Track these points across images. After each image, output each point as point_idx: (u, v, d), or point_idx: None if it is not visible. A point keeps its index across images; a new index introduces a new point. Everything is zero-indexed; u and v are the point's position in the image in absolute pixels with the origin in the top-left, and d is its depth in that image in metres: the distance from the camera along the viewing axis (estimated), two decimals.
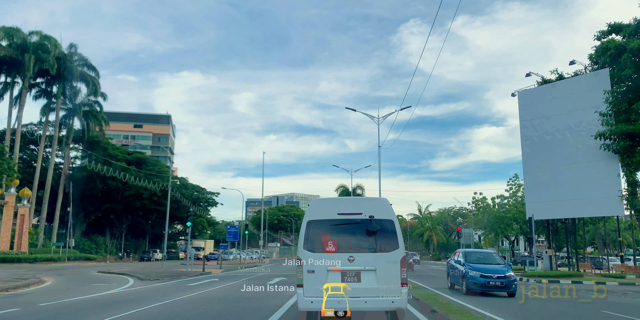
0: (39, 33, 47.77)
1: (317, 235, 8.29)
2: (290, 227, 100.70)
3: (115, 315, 10.52)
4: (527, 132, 35.47)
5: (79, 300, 14.04)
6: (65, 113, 53.92)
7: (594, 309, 13.78)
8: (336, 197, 26.89)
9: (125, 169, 56.87)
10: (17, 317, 10.55)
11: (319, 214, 8.48)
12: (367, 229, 8.22)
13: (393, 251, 8.13)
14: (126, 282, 21.90)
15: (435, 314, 11.09)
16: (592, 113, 30.19)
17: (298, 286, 8.11)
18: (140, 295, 15.63)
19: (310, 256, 8.11)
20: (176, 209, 62.47)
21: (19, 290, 17.23)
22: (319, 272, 8.04)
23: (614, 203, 30.07)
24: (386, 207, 8.54)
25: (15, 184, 42.73)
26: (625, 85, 29.15)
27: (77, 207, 54.26)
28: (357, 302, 7.86)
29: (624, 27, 29.96)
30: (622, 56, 28.24)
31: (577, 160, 32.06)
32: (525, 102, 35.95)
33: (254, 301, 13.25)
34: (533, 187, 34.89)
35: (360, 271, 8.04)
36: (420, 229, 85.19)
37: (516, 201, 51.98)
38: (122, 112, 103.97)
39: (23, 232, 43.07)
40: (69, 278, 24.28)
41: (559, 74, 35.68)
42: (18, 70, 46.30)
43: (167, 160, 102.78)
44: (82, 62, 51.62)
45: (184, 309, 11.82)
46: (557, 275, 29.16)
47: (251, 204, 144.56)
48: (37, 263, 40.55)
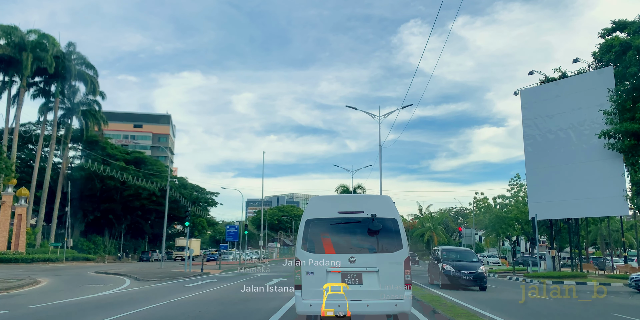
0: (37, 31, 47.41)
1: (316, 235, 7.90)
2: (290, 228, 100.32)
3: (106, 319, 10.12)
4: (530, 131, 35.03)
5: (72, 301, 13.66)
6: (64, 112, 53.60)
7: (603, 312, 13.37)
8: (336, 195, 26.40)
9: (124, 168, 56.50)
10: (5, 319, 10.16)
11: (318, 213, 8.08)
12: (368, 228, 7.82)
13: (396, 252, 7.74)
14: (122, 282, 21.52)
15: (436, 314, 10.76)
16: (596, 111, 29.72)
17: (296, 288, 7.72)
18: (135, 297, 15.24)
19: (309, 257, 7.72)
20: (175, 209, 62.10)
21: (12, 291, 16.84)
22: (318, 274, 7.64)
23: (618, 203, 29.63)
24: (389, 205, 8.14)
25: (13, 184, 42.40)
26: (630, 83, 28.70)
27: (76, 207, 53.91)
28: (358, 306, 7.48)
29: (628, 25, 29.53)
30: (627, 53, 27.80)
31: (581, 160, 31.62)
32: (528, 100, 35.52)
33: (252, 303, 12.86)
34: (536, 186, 34.46)
35: (361, 273, 7.65)
36: (421, 230, 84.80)
37: (518, 201, 51.47)
38: (122, 112, 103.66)
39: (20, 232, 42.71)
40: (65, 279, 23.92)
41: (562, 72, 35.24)
42: (16, 69, 45.92)
43: (167, 160, 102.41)
44: (80, 61, 51.28)
45: (178, 312, 11.43)
46: (561, 276, 28.73)
47: (251, 204, 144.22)
48: (34, 263, 40.17)
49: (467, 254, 20.94)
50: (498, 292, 18.91)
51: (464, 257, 20.14)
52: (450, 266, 19.00)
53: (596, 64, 32.92)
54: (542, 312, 12.99)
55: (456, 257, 20.31)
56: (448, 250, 21.32)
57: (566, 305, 14.63)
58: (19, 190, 43.15)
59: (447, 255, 20.29)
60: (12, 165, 43.10)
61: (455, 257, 20.19)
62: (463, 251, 21.72)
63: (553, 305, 14.54)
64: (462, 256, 20.30)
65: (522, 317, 11.78)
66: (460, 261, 19.51)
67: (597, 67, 32.60)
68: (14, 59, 45.13)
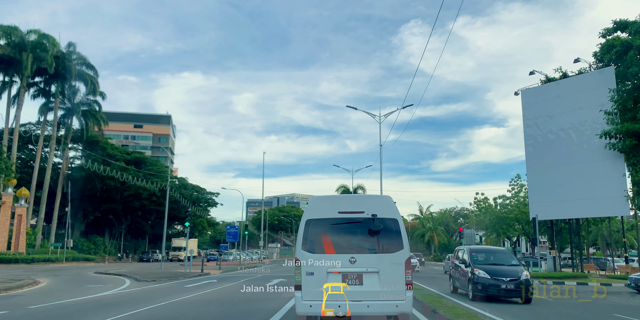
0: (37, 32, 47.36)
1: (316, 235, 7.84)
2: (291, 228, 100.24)
3: (106, 319, 10.06)
4: (531, 131, 34.96)
5: (71, 302, 13.61)
6: (64, 112, 53.52)
7: (604, 312, 13.31)
8: (337, 195, 26.34)
9: (124, 168, 56.41)
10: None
11: (318, 213, 8.02)
12: (369, 229, 7.77)
13: (397, 252, 7.69)
14: (122, 283, 21.46)
15: (436, 315, 10.69)
16: (597, 111, 29.65)
17: (296, 289, 7.67)
18: (134, 297, 15.19)
19: (309, 257, 7.67)
20: (176, 209, 62.02)
21: (12, 291, 16.78)
22: (318, 274, 7.59)
23: (620, 203, 29.56)
24: (390, 205, 8.08)
25: (13, 184, 42.33)
26: (631, 83, 28.64)
27: (76, 207, 53.83)
28: (358, 306, 7.43)
29: (629, 24, 29.45)
30: (628, 53, 27.74)
31: (582, 160, 31.55)
32: (529, 100, 35.45)
33: (252, 303, 12.81)
34: (537, 187, 34.38)
35: (362, 273, 7.60)
36: (422, 230, 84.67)
37: (518, 201, 51.48)
38: (122, 112, 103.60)
39: (20, 232, 42.64)
40: (64, 279, 23.86)
41: (563, 72, 35.19)
42: (16, 69, 45.86)
43: (167, 160, 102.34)
44: (80, 61, 51.21)
45: (178, 312, 11.37)
46: (562, 276, 28.66)
47: (252, 205, 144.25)
48: (34, 264, 40.11)
49: (503, 255, 16.73)
50: None
51: (501, 260, 15.98)
52: (485, 272, 14.70)
53: (597, 64, 32.86)
54: (542, 312, 12.93)
55: (490, 259, 16.10)
56: (478, 251, 16.95)
57: (567, 305, 14.56)
58: (19, 191, 43.10)
59: (478, 257, 16.11)
60: (12, 166, 43.02)
61: (489, 260, 16.01)
62: (498, 252, 17.45)
63: (553, 305, 14.48)
64: (498, 258, 16.15)
65: (523, 317, 11.70)
66: (496, 264, 15.45)
67: (598, 67, 32.53)
68: (14, 59, 45.08)
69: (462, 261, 16.60)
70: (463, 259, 16.52)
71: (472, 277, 14.97)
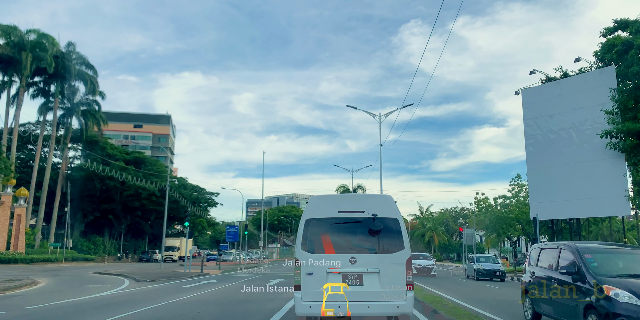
0: (37, 31, 47.30)
1: (316, 235, 7.75)
2: (291, 228, 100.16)
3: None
4: (531, 131, 34.85)
5: (69, 302, 13.53)
6: (63, 112, 53.51)
7: None
8: (337, 194, 26.20)
9: (124, 168, 56.35)
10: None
11: (318, 212, 7.93)
12: (369, 228, 7.67)
13: (398, 252, 7.60)
14: (121, 283, 21.38)
15: (437, 315, 10.61)
16: (598, 111, 29.53)
17: (296, 289, 7.58)
18: (133, 298, 15.11)
19: (309, 257, 7.58)
20: (175, 209, 61.92)
21: (10, 291, 16.69)
22: (318, 274, 7.50)
23: (620, 203, 29.45)
24: (390, 204, 7.99)
25: (12, 184, 42.26)
26: (632, 82, 28.54)
27: (75, 207, 53.76)
28: (359, 307, 7.34)
29: (630, 24, 29.31)
30: (629, 53, 27.63)
31: (583, 159, 31.45)
32: (529, 100, 35.34)
33: (251, 304, 12.72)
34: (537, 186, 34.27)
35: (362, 273, 7.51)
36: (422, 230, 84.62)
37: (519, 201, 51.32)
38: (122, 112, 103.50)
39: (20, 232, 42.57)
40: (63, 279, 23.79)
41: (564, 72, 35.07)
42: (15, 68, 45.81)
43: (167, 160, 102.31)
44: (80, 60, 51.17)
45: (176, 313, 11.28)
46: None
47: (251, 205, 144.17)
48: (33, 264, 40.04)
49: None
50: (498, 293, 18.75)
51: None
52: (631, 293, 7.41)
53: (598, 63, 32.74)
54: None
55: (618, 266, 8.99)
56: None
57: None
58: (18, 191, 43.03)
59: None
60: (12, 165, 42.95)
61: (617, 267, 8.95)
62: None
63: None
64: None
65: (523, 317, 11.61)
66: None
67: (599, 66, 32.41)
68: (13, 58, 45.02)
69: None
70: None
71: (600, 302, 7.79)
